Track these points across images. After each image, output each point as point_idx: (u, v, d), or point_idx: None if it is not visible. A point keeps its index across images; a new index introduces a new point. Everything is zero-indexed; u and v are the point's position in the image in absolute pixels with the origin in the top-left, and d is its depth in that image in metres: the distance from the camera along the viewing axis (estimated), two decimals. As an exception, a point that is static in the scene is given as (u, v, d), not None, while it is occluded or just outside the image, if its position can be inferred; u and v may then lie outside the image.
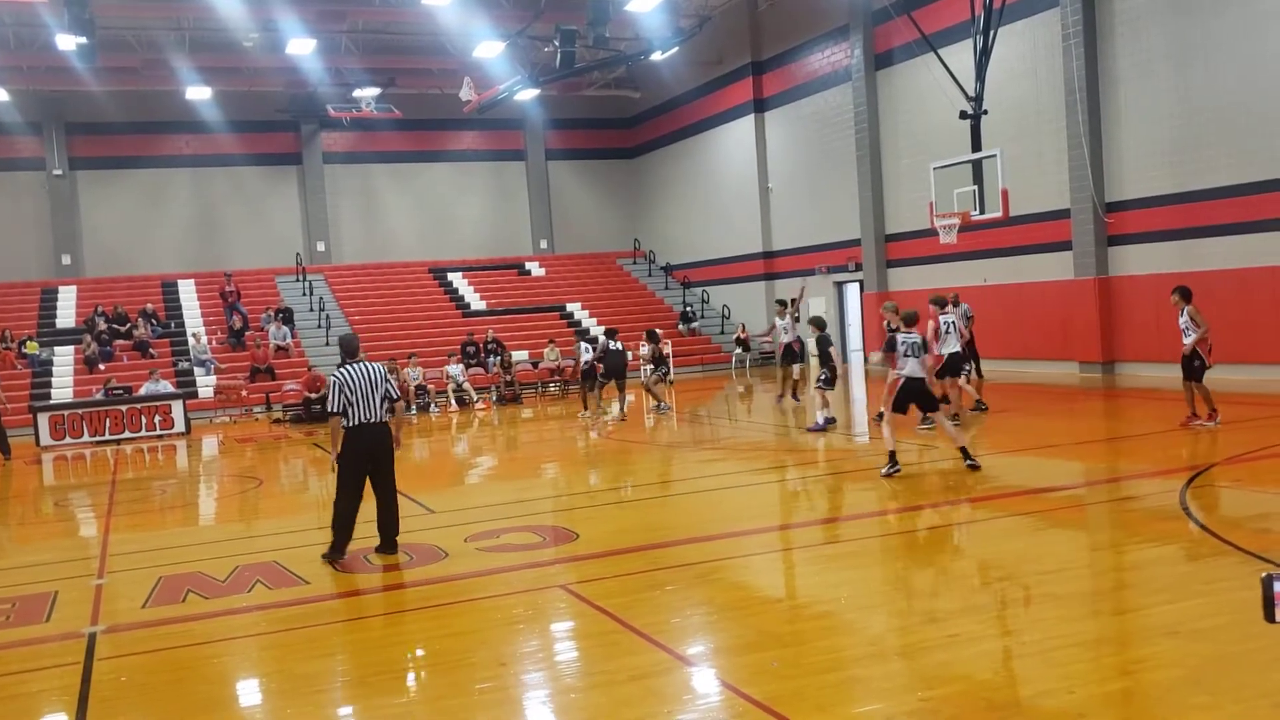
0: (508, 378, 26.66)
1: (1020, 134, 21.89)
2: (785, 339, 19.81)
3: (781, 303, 20.54)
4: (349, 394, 9.02)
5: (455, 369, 26.31)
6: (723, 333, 32.77)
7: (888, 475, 11.58)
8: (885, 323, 15.23)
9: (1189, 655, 5.76)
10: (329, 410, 9.20)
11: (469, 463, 18.04)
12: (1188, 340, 13.53)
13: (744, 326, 31.68)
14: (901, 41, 24.87)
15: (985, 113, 19.62)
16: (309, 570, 9.00)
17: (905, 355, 11.79)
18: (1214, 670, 5.51)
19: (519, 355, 28.79)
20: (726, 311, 33.89)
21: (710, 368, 31.17)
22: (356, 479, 9.13)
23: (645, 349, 22.76)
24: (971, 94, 19.48)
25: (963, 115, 19.68)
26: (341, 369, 9.18)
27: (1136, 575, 7.73)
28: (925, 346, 11.92)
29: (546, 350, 28.63)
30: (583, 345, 23.06)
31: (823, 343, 16.70)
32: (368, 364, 9.22)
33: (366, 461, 9.10)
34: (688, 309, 33.75)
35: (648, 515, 11.15)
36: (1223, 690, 5.25)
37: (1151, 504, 10.01)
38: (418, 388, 25.57)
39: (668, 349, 25.12)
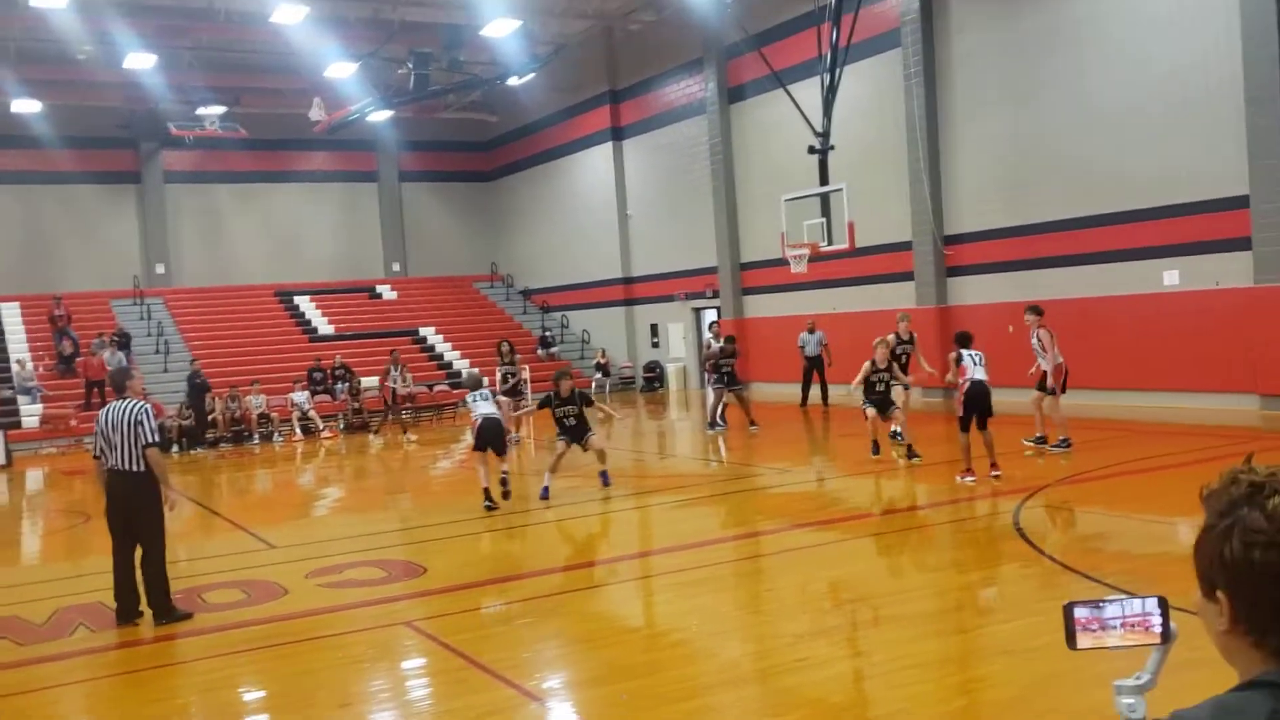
0: (356, 405, 26.01)
1: (865, 168, 22.55)
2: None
3: (713, 325, 21.54)
4: (99, 435, 8.18)
5: (300, 396, 25.53)
6: (582, 358, 32.73)
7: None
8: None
9: (1021, 674, 5.95)
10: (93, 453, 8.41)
11: (313, 494, 17.50)
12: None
13: (604, 352, 31.71)
14: (753, 76, 25.40)
15: (832, 148, 20.18)
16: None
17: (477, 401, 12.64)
18: (1042, 689, 5.70)
19: (369, 381, 28.14)
20: (586, 336, 33.89)
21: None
22: (114, 530, 8.17)
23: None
24: (819, 129, 20.01)
25: (811, 150, 20.19)
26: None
27: (975, 595, 7.97)
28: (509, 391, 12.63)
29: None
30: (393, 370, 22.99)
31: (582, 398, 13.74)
32: (123, 403, 8.20)
33: (117, 512, 8.13)
34: (547, 333, 33.63)
35: (500, 547, 10.99)
36: (1049, 710, 5.44)
37: (989, 524, 10.37)
38: (260, 416, 24.72)
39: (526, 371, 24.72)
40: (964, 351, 12.44)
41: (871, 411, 14.07)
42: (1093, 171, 18.80)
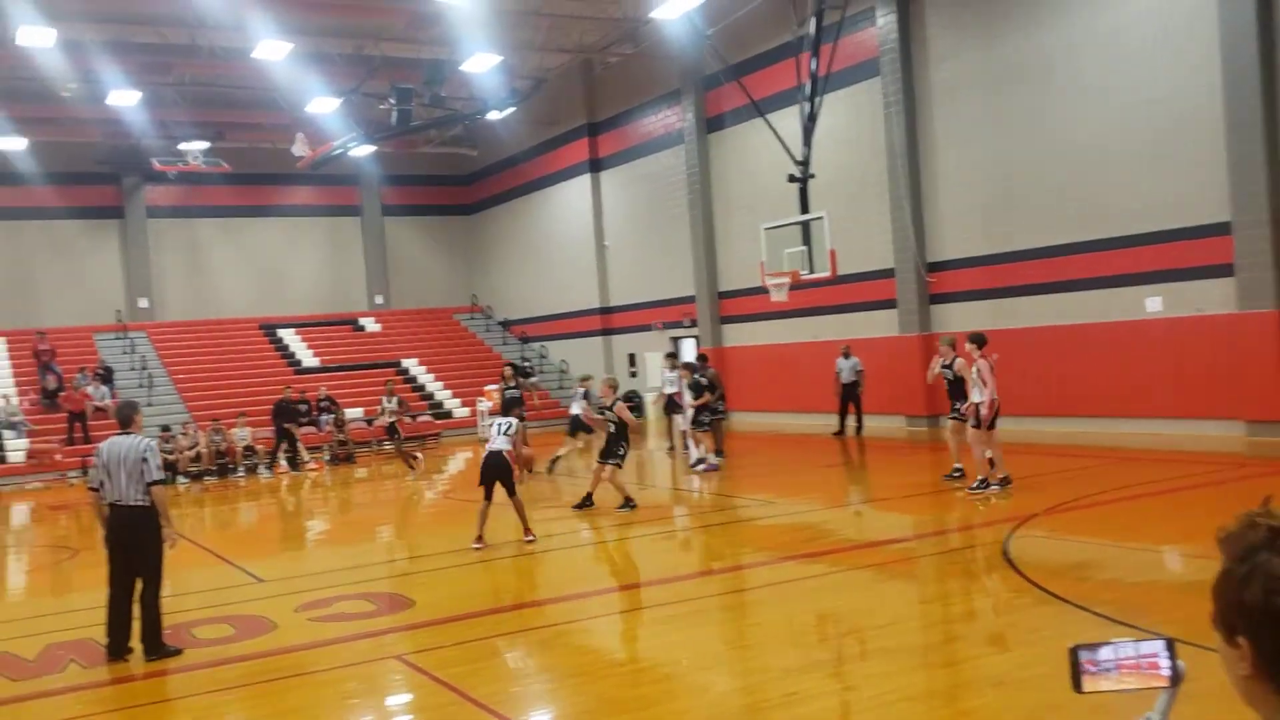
0: (341, 436, 25.95)
1: (846, 197, 22.70)
2: (670, 390, 20.87)
3: (670, 355, 21.83)
4: (100, 469, 8.28)
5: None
6: (561, 388, 32.73)
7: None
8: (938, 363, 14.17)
9: (1015, 705, 5.97)
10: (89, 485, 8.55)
11: (299, 527, 17.42)
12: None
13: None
14: (732, 106, 25.60)
15: (813, 176, 20.30)
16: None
17: (498, 433, 12.15)
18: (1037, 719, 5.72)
19: (353, 413, 28.09)
20: (565, 366, 33.92)
21: (549, 423, 31.01)
22: (113, 564, 8.27)
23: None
24: (799, 158, 20.16)
25: (791, 178, 20.33)
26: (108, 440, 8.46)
27: (965, 627, 7.99)
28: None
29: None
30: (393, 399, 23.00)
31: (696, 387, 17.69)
32: (129, 438, 8.34)
33: (118, 546, 8.26)
34: (525, 363, 33.61)
35: (488, 579, 10.96)
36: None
37: (977, 555, 10.41)
38: (245, 448, 24.62)
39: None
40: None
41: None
42: (1074, 198, 18.96)
